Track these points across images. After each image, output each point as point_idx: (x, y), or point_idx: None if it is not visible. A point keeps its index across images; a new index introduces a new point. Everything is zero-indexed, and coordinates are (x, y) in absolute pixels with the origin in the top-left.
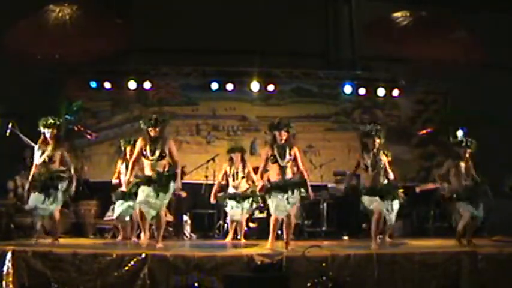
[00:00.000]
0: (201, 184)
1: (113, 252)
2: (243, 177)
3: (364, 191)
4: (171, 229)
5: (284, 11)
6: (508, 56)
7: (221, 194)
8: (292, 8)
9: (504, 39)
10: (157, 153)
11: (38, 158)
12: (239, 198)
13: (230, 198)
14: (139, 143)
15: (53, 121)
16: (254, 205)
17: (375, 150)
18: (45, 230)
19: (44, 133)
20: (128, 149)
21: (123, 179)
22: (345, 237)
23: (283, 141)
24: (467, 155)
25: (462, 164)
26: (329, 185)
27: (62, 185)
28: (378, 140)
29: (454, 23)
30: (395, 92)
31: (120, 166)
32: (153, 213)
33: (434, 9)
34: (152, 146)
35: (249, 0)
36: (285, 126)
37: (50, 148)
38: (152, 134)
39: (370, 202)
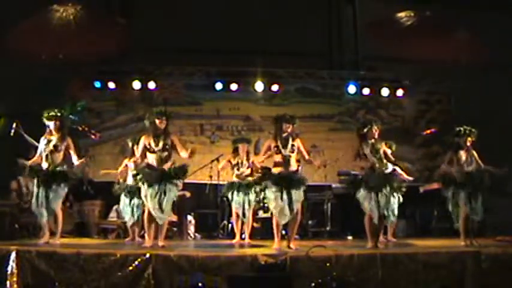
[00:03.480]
0: (205, 184)
1: (117, 252)
2: (248, 167)
3: (362, 181)
4: (175, 229)
5: (288, 10)
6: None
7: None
8: (296, 8)
9: (507, 40)
10: (161, 144)
11: (43, 148)
12: (244, 187)
13: (235, 189)
14: (143, 140)
15: (54, 113)
16: (261, 195)
17: (373, 140)
18: (50, 230)
19: (48, 126)
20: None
21: (131, 174)
22: (349, 237)
23: (286, 134)
24: (468, 144)
25: (462, 153)
26: (333, 185)
27: (65, 183)
28: (375, 130)
29: (457, 23)
30: (400, 92)
31: (128, 163)
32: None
33: (438, 9)
34: (156, 139)
35: (253, 0)
36: (290, 118)
37: (55, 138)
38: (159, 125)
39: (364, 200)
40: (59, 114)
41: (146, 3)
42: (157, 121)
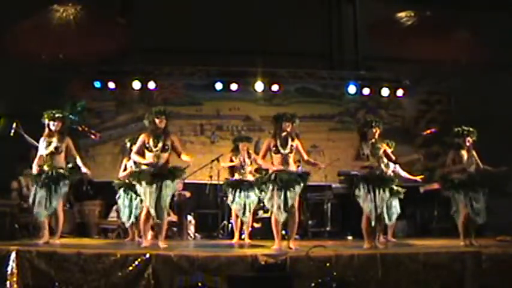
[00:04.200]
0: (205, 184)
1: (117, 252)
2: (250, 164)
3: (361, 181)
4: (175, 229)
5: (288, 11)
6: (509, 56)
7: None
8: (297, 8)
9: (507, 40)
10: (160, 145)
11: (43, 149)
12: (245, 187)
13: (236, 186)
14: (142, 137)
15: (58, 114)
16: (262, 195)
17: (373, 140)
18: (51, 230)
19: (48, 125)
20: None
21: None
22: (349, 237)
23: (286, 133)
24: (467, 144)
25: (463, 153)
26: (333, 185)
27: (66, 182)
28: (376, 130)
29: (457, 23)
30: (400, 92)
31: (127, 163)
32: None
33: (438, 9)
34: (155, 139)
35: (253, 0)
36: (290, 117)
37: (55, 139)
38: (159, 124)
39: (362, 200)
40: (61, 115)
41: (146, 3)
42: (157, 120)
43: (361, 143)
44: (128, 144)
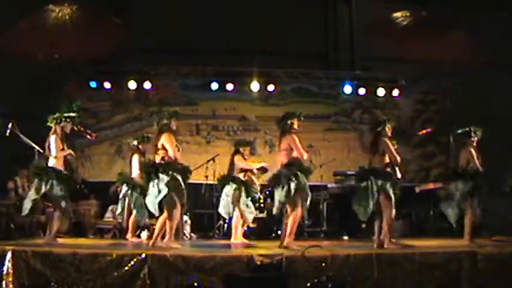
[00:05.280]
0: (201, 184)
1: (113, 252)
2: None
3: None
4: None
5: (284, 11)
6: (509, 56)
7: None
8: (293, 8)
9: (505, 39)
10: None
11: (63, 150)
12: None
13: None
14: (171, 137)
15: (73, 114)
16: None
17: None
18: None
19: (63, 127)
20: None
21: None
22: (345, 237)
23: (295, 130)
24: (474, 144)
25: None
26: (329, 185)
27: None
28: (388, 128)
29: (454, 23)
30: (395, 92)
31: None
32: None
33: (435, 9)
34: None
35: (249, 0)
36: (299, 114)
37: (67, 142)
38: (174, 125)
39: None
40: (73, 116)
41: (142, 3)
42: (173, 122)
43: (388, 141)
44: (135, 142)
